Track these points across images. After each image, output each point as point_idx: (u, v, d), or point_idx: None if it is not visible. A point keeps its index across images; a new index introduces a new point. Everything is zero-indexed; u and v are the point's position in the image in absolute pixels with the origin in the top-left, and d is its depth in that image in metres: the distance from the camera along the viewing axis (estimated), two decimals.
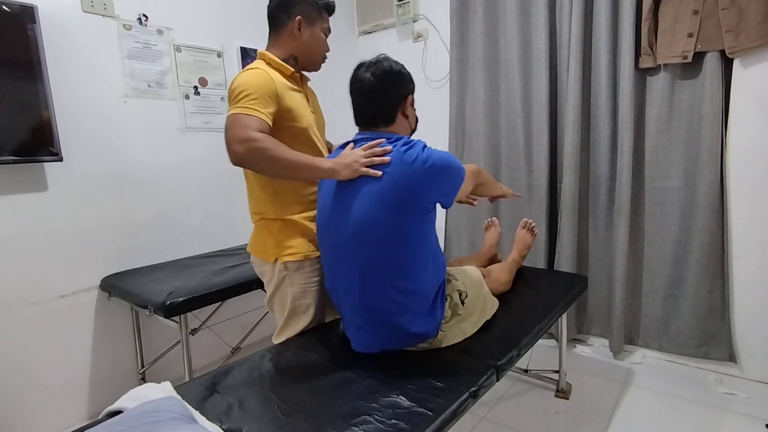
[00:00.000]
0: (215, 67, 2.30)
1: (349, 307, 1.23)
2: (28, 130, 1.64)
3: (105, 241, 1.93)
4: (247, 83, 1.19)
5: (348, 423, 0.93)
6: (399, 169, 1.12)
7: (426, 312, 1.21)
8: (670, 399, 1.84)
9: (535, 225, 1.92)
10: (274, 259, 1.35)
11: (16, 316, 1.70)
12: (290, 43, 1.35)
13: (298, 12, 1.32)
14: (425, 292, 1.20)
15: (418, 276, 1.18)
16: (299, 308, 1.38)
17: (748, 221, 1.89)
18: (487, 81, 2.45)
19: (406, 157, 1.13)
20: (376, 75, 1.22)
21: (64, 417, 1.84)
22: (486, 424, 1.74)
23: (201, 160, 2.25)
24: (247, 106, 1.16)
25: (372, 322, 1.21)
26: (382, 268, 1.15)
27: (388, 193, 1.12)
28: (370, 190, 1.14)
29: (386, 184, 1.12)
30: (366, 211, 1.14)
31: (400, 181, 1.12)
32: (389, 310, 1.18)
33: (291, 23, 1.33)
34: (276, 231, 1.35)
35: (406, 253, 1.15)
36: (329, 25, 1.41)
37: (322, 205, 1.27)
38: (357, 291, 1.19)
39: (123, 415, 0.88)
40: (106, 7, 1.89)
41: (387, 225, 1.13)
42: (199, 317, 1.90)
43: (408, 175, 1.12)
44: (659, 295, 2.10)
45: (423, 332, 1.21)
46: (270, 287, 1.40)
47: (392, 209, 1.12)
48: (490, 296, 1.48)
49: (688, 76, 1.93)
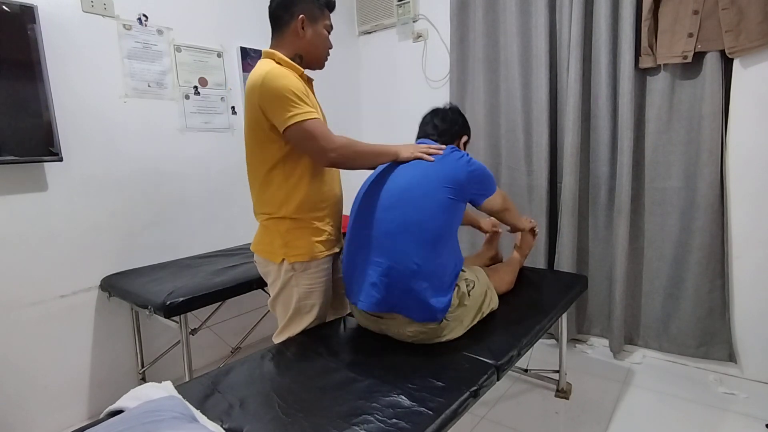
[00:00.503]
0: (215, 67, 2.30)
1: (371, 262, 1.27)
2: (28, 130, 1.64)
3: (105, 241, 1.93)
4: (289, 86, 1.22)
5: (348, 422, 0.94)
6: (447, 159, 1.34)
7: (442, 289, 1.25)
8: (670, 399, 1.84)
9: (536, 225, 1.91)
10: (281, 260, 1.34)
11: (16, 316, 1.70)
12: (295, 42, 1.34)
13: (300, 11, 1.32)
14: (445, 270, 1.27)
15: (443, 252, 1.26)
16: (304, 308, 1.38)
17: (748, 221, 1.89)
18: (487, 81, 2.45)
19: (455, 155, 1.35)
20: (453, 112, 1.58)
21: (64, 417, 1.84)
22: (486, 423, 1.74)
23: (201, 160, 2.25)
24: (307, 111, 1.23)
25: (390, 280, 1.24)
26: (415, 230, 1.24)
27: (433, 171, 1.30)
28: (417, 165, 1.33)
29: (434, 165, 1.32)
30: (412, 177, 1.30)
31: (445, 166, 1.32)
32: (411, 272, 1.22)
33: (294, 22, 1.32)
34: (284, 231, 1.34)
35: (437, 225, 1.25)
36: (331, 22, 1.41)
37: (364, 185, 1.42)
38: (385, 247, 1.25)
39: (124, 415, 0.88)
40: (106, 7, 1.89)
41: (428, 192, 1.27)
42: (199, 317, 1.90)
43: (453, 165, 1.32)
44: (659, 295, 2.10)
45: (435, 307, 1.23)
46: (275, 287, 1.39)
47: (434, 182, 1.28)
48: (493, 294, 1.48)
49: (688, 76, 1.93)
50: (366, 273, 1.28)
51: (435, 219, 1.26)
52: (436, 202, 1.26)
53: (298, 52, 1.36)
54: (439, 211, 1.26)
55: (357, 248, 1.33)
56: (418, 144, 1.43)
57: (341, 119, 2.98)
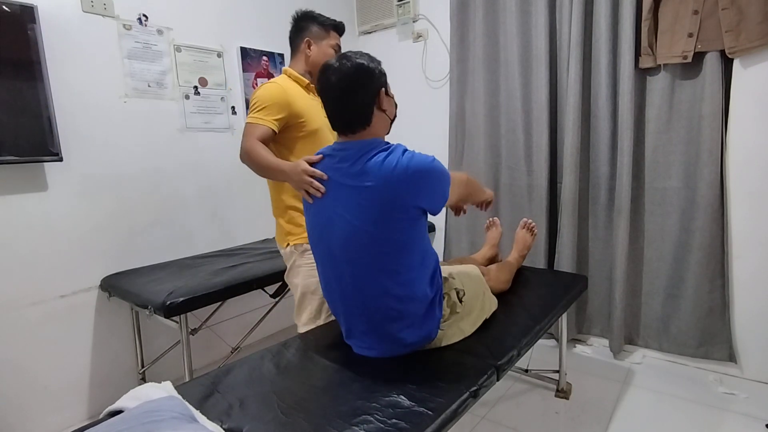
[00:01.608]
0: (215, 67, 2.30)
1: (351, 313, 1.23)
2: (28, 130, 1.64)
3: (105, 241, 1.93)
4: (259, 96, 1.46)
5: (348, 422, 0.93)
6: (381, 181, 1.07)
7: (422, 316, 1.20)
8: (670, 399, 1.84)
9: (535, 225, 1.92)
10: (286, 244, 1.56)
11: (16, 316, 1.70)
12: (303, 60, 1.60)
13: (307, 34, 1.58)
14: (421, 296, 1.18)
15: (413, 282, 1.16)
16: (309, 287, 1.54)
17: (748, 221, 1.89)
18: (487, 81, 2.45)
19: (386, 165, 1.07)
20: (342, 80, 1.13)
21: (64, 417, 1.84)
22: (486, 423, 1.74)
23: (201, 160, 2.25)
24: (255, 116, 1.44)
25: (371, 327, 1.20)
26: (377, 277, 1.14)
27: (372, 207, 1.09)
28: (353, 203, 1.11)
29: (370, 198, 1.08)
30: (352, 224, 1.11)
31: (383, 192, 1.07)
32: (385, 317, 1.17)
33: (302, 44, 1.58)
34: (287, 220, 1.56)
35: (398, 262, 1.13)
36: (339, 42, 1.63)
37: (313, 214, 1.25)
38: (356, 299, 1.19)
39: (124, 415, 0.88)
40: (106, 7, 1.89)
41: (374, 236, 1.10)
42: (199, 317, 1.90)
43: (391, 184, 1.07)
44: (659, 295, 2.10)
45: (416, 341, 1.21)
46: (288, 267, 1.61)
47: (377, 222, 1.09)
48: (490, 295, 1.48)
49: (688, 76, 1.93)
50: (351, 314, 1.23)
51: (398, 262, 1.13)
52: (389, 243, 1.11)
53: (307, 69, 1.60)
54: (397, 250, 1.12)
55: (330, 276, 1.24)
56: (305, 168, 1.20)
57: None
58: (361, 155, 1.11)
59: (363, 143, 1.15)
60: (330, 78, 1.14)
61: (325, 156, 1.22)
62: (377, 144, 1.13)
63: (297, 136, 1.50)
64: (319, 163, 1.22)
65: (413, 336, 1.20)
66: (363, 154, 1.11)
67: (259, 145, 1.41)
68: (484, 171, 2.48)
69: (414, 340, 1.20)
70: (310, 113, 1.52)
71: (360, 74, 1.14)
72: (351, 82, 1.13)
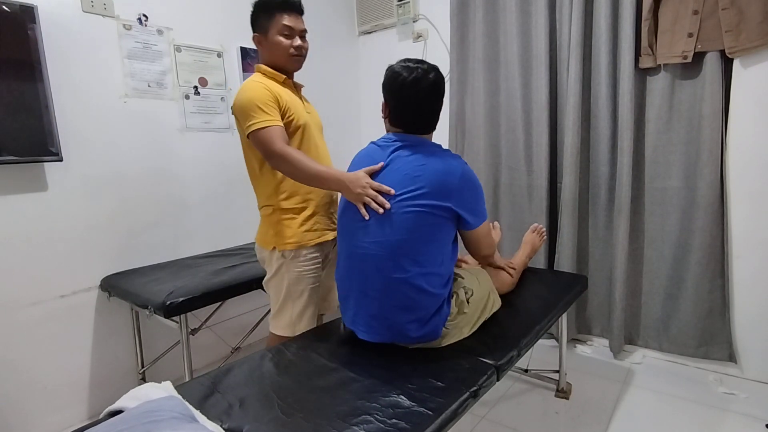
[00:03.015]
0: (215, 67, 2.30)
1: (365, 294, 1.24)
2: (28, 130, 1.63)
3: (105, 241, 1.93)
4: (252, 97, 1.37)
5: (348, 422, 0.93)
6: (436, 169, 1.19)
7: (432, 314, 1.22)
8: (670, 399, 1.84)
9: (545, 231, 1.91)
10: (272, 247, 1.47)
11: (16, 316, 1.70)
12: (264, 57, 1.51)
13: (255, 30, 1.49)
14: (436, 293, 1.22)
15: (432, 277, 1.21)
16: (294, 293, 1.48)
17: (748, 221, 1.89)
18: (487, 81, 2.45)
19: (448, 159, 1.22)
20: (437, 82, 1.25)
21: (64, 417, 1.84)
22: (486, 424, 1.74)
23: (201, 160, 2.25)
24: (263, 118, 1.35)
25: (381, 313, 1.23)
26: (401, 261, 1.18)
27: (423, 188, 1.18)
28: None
29: (423, 180, 1.18)
30: (393, 199, 1.20)
31: (433, 177, 1.18)
32: (398, 305, 1.20)
33: (256, 42, 1.50)
34: (275, 221, 1.47)
35: (424, 252, 1.19)
36: (286, 22, 1.45)
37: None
38: (375, 280, 1.21)
39: (124, 415, 0.88)
40: (106, 7, 1.89)
41: (413, 217, 1.18)
42: (199, 317, 1.90)
43: (443, 177, 1.19)
44: (659, 295, 2.10)
45: (420, 336, 1.23)
46: (269, 272, 1.52)
47: (422, 209, 1.18)
48: (495, 295, 1.48)
49: (688, 76, 1.93)
50: (367, 293, 1.25)
51: (426, 249, 1.20)
52: (424, 228, 1.19)
53: (269, 64, 1.49)
54: (429, 238, 1.20)
55: (353, 251, 1.28)
56: (367, 181, 1.23)
57: (341, 119, 2.98)
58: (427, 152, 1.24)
59: (427, 142, 1.29)
60: (428, 75, 1.24)
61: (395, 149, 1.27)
62: (439, 145, 1.28)
63: (286, 130, 1.43)
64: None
65: (419, 330, 1.21)
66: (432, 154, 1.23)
67: (293, 150, 1.34)
68: (484, 171, 2.47)
69: (419, 334, 1.22)
70: (295, 107, 1.46)
71: (443, 83, 1.29)
72: (442, 88, 1.29)
